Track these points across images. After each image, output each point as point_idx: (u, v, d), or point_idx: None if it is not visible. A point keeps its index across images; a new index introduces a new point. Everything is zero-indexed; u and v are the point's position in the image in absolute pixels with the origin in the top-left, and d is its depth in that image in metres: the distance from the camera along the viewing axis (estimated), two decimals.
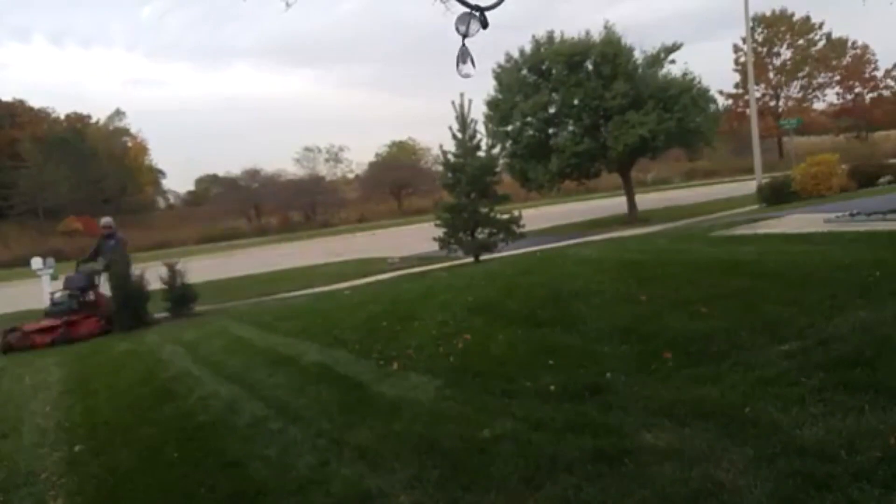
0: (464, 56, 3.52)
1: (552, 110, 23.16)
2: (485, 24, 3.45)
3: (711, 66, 78.56)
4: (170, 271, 10.86)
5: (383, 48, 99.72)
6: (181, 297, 10.79)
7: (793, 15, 53.05)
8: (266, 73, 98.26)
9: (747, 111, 35.72)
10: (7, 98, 59.07)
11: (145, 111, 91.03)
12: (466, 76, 3.64)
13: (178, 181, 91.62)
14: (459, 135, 13.84)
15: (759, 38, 52.29)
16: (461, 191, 13.93)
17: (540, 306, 5.55)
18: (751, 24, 26.64)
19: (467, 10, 3.43)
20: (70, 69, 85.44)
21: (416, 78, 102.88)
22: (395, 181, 59.74)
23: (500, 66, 23.76)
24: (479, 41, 3.54)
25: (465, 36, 3.46)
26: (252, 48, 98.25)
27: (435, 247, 14.65)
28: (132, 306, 9.85)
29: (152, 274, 10.52)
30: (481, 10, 3.43)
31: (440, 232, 14.16)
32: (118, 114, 66.27)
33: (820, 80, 54.72)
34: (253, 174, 59.55)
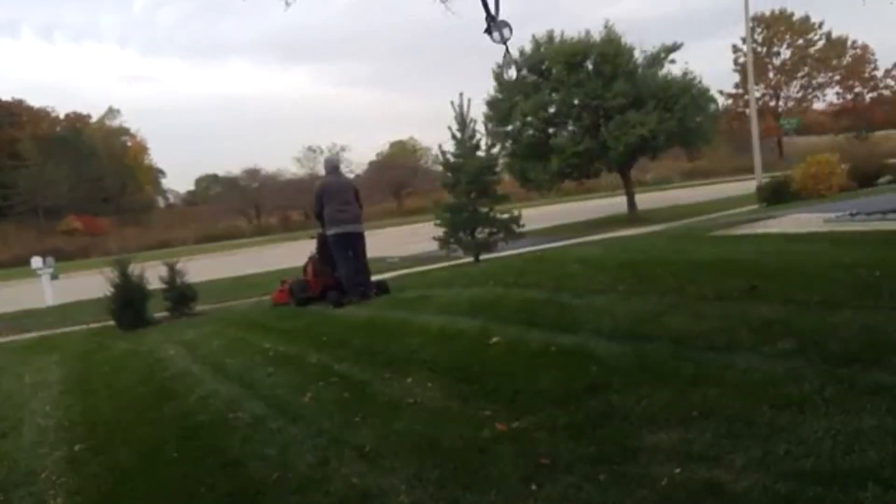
0: (508, 62, 3.57)
1: (552, 110, 23.19)
2: (501, 27, 3.45)
3: (711, 65, 78.56)
4: (169, 271, 10.86)
5: (383, 46, 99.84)
6: (181, 296, 10.79)
7: (792, 15, 53.13)
8: (265, 69, 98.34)
9: (747, 111, 35.74)
10: (6, 98, 59.07)
11: (144, 110, 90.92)
12: (510, 79, 3.69)
13: (178, 180, 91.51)
14: (459, 134, 13.84)
15: (759, 38, 52.32)
16: (461, 190, 13.92)
17: (540, 306, 5.55)
18: (750, 23, 26.64)
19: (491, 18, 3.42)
20: (67, 67, 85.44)
21: (416, 76, 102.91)
22: (396, 181, 59.77)
23: (499, 65, 23.78)
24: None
25: (504, 42, 3.47)
26: (250, 44, 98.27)
27: (435, 246, 14.65)
28: (133, 306, 9.85)
29: (152, 273, 10.52)
30: (492, 16, 3.42)
31: (440, 231, 14.15)
32: (111, 112, 66.22)
33: (820, 79, 54.80)
34: (253, 174, 59.60)
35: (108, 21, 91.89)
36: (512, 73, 4.24)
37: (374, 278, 8.93)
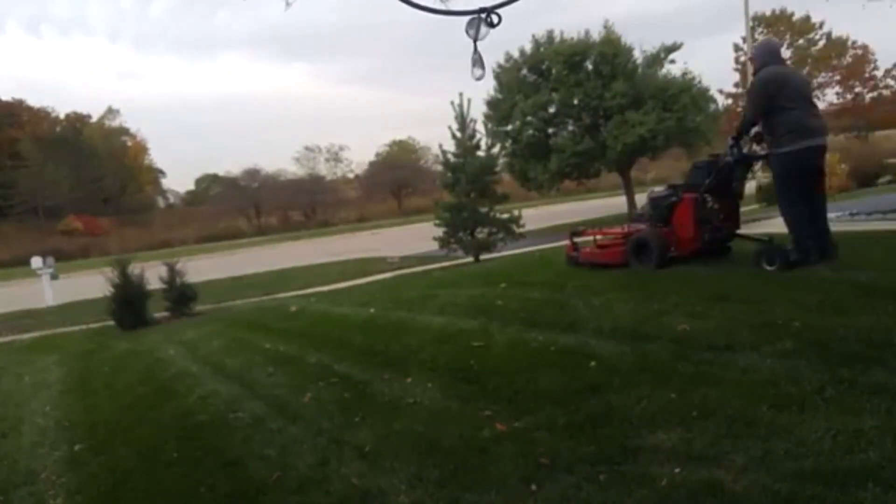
0: (476, 61, 3.55)
1: (552, 110, 23.20)
2: (493, 24, 3.44)
3: (711, 64, 78.58)
4: (169, 271, 10.86)
5: (382, 43, 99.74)
6: (181, 296, 10.79)
7: (792, 14, 53.12)
8: (262, 66, 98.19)
9: None
10: (7, 98, 59.08)
11: (143, 109, 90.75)
12: (479, 79, 3.69)
13: (178, 180, 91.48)
14: (459, 134, 13.86)
15: (760, 38, 52.30)
16: (461, 190, 13.94)
17: (539, 306, 5.55)
18: (751, 23, 26.64)
19: (475, 13, 3.43)
20: (63, 65, 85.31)
21: (415, 75, 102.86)
22: (395, 181, 59.78)
23: (499, 65, 23.81)
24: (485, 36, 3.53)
25: (475, 40, 3.47)
26: (247, 41, 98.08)
27: (435, 246, 14.66)
28: (133, 306, 9.87)
29: (152, 273, 10.52)
30: (488, 11, 3.41)
31: (440, 231, 14.16)
32: (111, 112, 66.21)
33: (820, 79, 54.77)
34: (253, 174, 59.60)
35: (101, 17, 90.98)
36: (478, 72, 4.11)
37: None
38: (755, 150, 5.85)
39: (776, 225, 9.94)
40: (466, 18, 3.48)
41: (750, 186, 20.46)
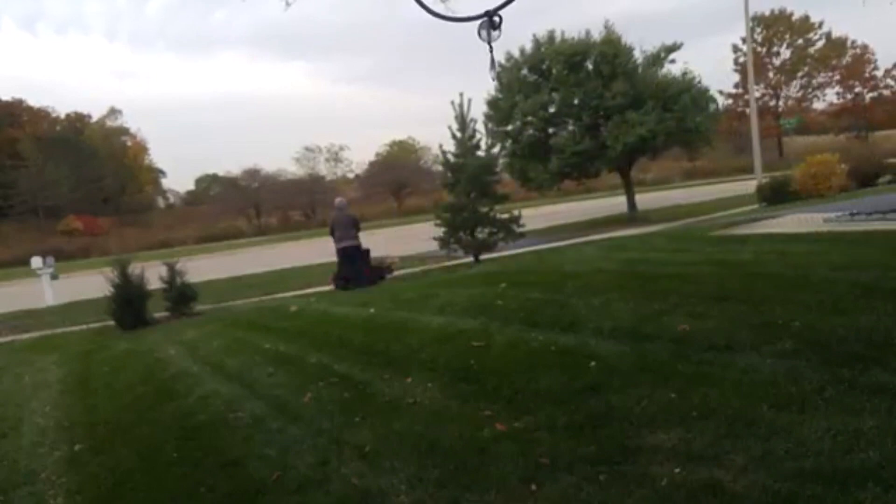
0: (491, 62, 3.62)
1: (552, 110, 23.15)
2: (494, 25, 3.47)
3: (712, 65, 78.55)
4: (169, 271, 10.84)
5: (381, 42, 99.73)
6: (181, 296, 10.77)
7: (792, 14, 53.18)
8: (262, 64, 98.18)
9: (747, 111, 35.76)
10: (7, 98, 59.09)
11: (143, 110, 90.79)
12: (495, 79, 3.80)
13: (178, 180, 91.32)
14: (459, 134, 13.83)
15: (759, 38, 52.37)
16: (461, 190, 13.91)
17: (539, 306, 5.55)
18: (750, 23, 26.63)
19: (482, 17, 3.46)
20: (61, 65, 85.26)
21: (415, 74, 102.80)
22: (395, 181, 59.74)
23: (500, 65, 23.76)
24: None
25: (489, 42, 3.51)
26: (246, 39, 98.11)
27: (435, 246, 14.64)
28: (133, 305, 9.85)
29: (152, 273, 10.51)
30: (491, 13, 3.44)
31: (440, 231, 14.14)
32: (111, 111, 66.27)
33: (820, 79, 54.85)
34: (253, 174, 59.59)
35: (98, 16, 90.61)
36: (493, 72, 4.43)
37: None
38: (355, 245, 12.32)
39: (771, 225, 9.96)
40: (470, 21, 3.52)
41: (749, 186, 20.59)
